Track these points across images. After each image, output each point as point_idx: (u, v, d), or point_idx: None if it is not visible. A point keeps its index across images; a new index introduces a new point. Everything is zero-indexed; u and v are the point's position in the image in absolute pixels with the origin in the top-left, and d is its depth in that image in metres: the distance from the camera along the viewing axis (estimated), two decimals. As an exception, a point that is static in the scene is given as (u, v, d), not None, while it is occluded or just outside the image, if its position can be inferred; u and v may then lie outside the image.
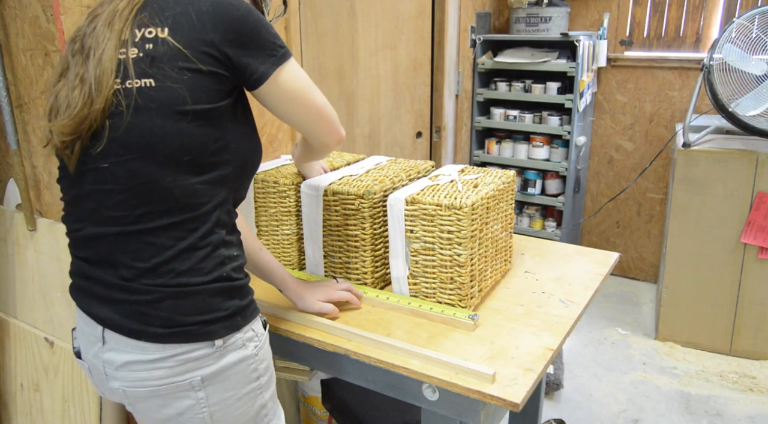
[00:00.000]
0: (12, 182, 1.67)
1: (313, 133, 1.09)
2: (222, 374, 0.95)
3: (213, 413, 0.96)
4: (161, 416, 0.95)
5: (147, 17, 0.92)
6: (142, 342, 0.91)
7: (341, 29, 2.31)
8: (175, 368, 0.92)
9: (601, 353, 2.78)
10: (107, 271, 0.93)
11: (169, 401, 0.94)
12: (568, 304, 1.32)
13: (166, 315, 0.91)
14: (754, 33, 2.42)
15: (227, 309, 0.95)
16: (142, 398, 0.94)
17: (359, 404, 1.70)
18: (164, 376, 0.92)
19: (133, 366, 0.93)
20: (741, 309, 2.68)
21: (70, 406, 1.59)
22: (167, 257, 0.91)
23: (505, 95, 3.29)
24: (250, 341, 0.99)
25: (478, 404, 1.04)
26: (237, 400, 0.97)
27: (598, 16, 3.37)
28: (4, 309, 1.74)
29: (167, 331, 0.91)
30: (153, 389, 0.93)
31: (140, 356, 0.92)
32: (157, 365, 0.92)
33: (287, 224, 1.45)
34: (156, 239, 0.91)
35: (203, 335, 0.93)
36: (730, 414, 2.34)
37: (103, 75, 0.89)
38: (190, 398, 0.94)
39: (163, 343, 0.91)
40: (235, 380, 0.97)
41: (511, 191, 1.43)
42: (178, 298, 0.91)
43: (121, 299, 0.92)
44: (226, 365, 0.95)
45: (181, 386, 0.93)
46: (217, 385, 0.95)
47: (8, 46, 1.54)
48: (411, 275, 1.29)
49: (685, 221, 2.70)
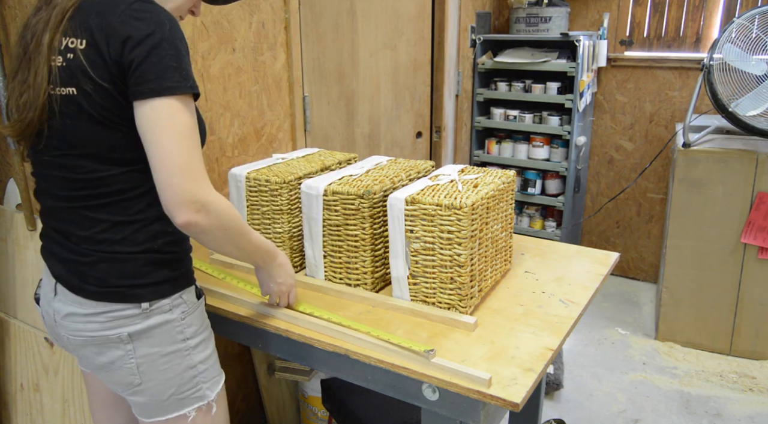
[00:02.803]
0: (12, 182, 1.67)
1: (157, 182, 0.97)
2: (148, 332, 1.06)
3: (140, 364, 1.06)
4: (98, 363, 1.08)
5: (72, 27, 0.98)
6: (79, 297, 1.05)
7: (341, 29, 2.31)
8: (105, 324, 1.04)
9: (601, 353, 2.78)
10: (60, 235, 1.07)
11: (103, 350, 1.06)
12: (568, 304, 1.32)
13: (100, 276, 1.04)
14: (754, 33, 2.42)
15: (156, 277, 1.06)
16: (80, 345, 1.08)
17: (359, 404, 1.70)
18: (97, 329, 1.05)
19: (73, 317, 1.06)
20: (741, 309, 2.68)
21: (70, 406, 1.59)
22: (103, 228, 1.03)
23: (505, 95, 3.29)
24: (177, 307, 1.08)
25: (478, 404, 1.04)
26: (162, 356, 1.07)
27: (598, 16, 3.37)
28: (4, 309, 1.74)
29: (100, 290, 1.04)
30: (88, 339, 1.06)
31: (78, 309, 1.05)
32: (91, 319, 1.05)
33: (279, 222, 1.45)
34: (93, 213, 1.03)
35: (131, 297, 1.04)
36: (730, 414, 2.34)
37: (41, 82, 0.98)
38: (119, 350, 1.06)
39: (96, 300, 1.04)
40: (161, 339, 1.07)
41: (511, 191, 1.43)
42: (111, 262, 1.04)
43: (68, 259, 1.06)
44: (152, 324, 1.06)
45: (111, 338, 1.05)
46: (144, 340, 1.06)
47: (8, 46, 1.54)
48: (411, 275, 1.29)
49: (685, 221, 2.70)
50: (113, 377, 1.08)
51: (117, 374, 1.07)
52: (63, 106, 0.98)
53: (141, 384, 1.07)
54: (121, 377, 1.07)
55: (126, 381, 1.07)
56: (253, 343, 1.36)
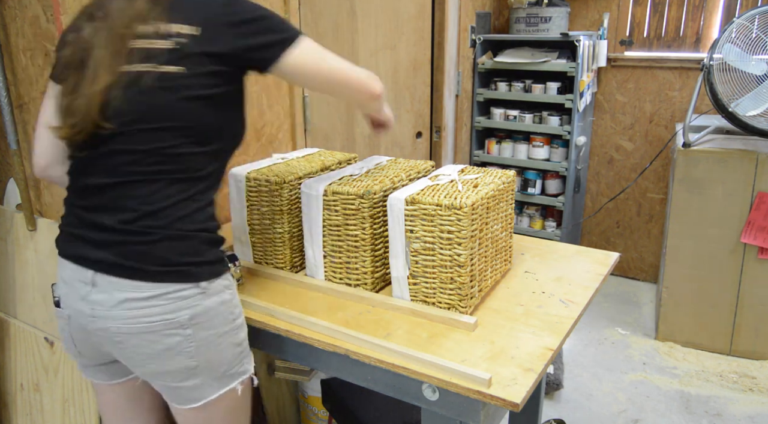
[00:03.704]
0: (12, 182, 1.67)
1: (344, 98, 1.27)
2: (206, 314, 1.07)
3: (198, 347, 1.07)
4: (150, 351, 1.06)
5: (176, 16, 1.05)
6: (136, 281, 1.02)
7: (341, 29, 2.31)
8: (167, 306, 1.03)
9: (601, 353, 2.78)
10: (106, 216, 1.04)
11: (160, 337, 1.04)
12: (568, 304, 1.32)
13: (162, 255, 1.03)
14: (754, 33, 2.42)
15: (211, 256, 1.09)
16: (136, 334, 1.04)
17: (359, 404, 1.70)
18: (158, 313, 1.03)
19: (129, 304, 1.03)
20: (741, 309, 2.68)
21: (70, 406, 1.59)
22: (170, 203, 1.04)
23: (505, 95, 3.29)
24: (227, 288, 1.12)
25: (478, 404, 1.04)
26: (218, 337, 1.10)
27: (598, 16, 3.37)
28: (4, 309, 1.74)
29: (162, 269, 1.03)
30: (147, 326, 1.03)
31: (135, 294, 1.02)
32: (151, 303, 1.03)
33: (279, 222, 1.45)
34: (164, 188, 1.04)
35: (192, 276, 1.05)
36: (730, 414, 2.34)
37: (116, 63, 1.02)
38: (178, 335, 1.05)
39: (156, 282, 1.03)
40: (217, 321, 1.09)
41: (511, 191, 1.43)
42: (173, 240, 1.04)
43: (123, 241, 1.03)
44: (210, 306, 1.08)
45: (173, 323, 1.04)
46: (202, 323, 1.07)
47: (8, 46, 1.54)
48: (411, 275, 1.29)
49: (685, 221, 2.70)
50: (167, 365, 1.07)
51: (173, 361, 1.06)
52: (161, 82, 1.01)
53: (197, 367, 1.08)
54: (177, 364, 1.07)
55: (181, 366, 1.07)
56: (253, 343, 1.36)
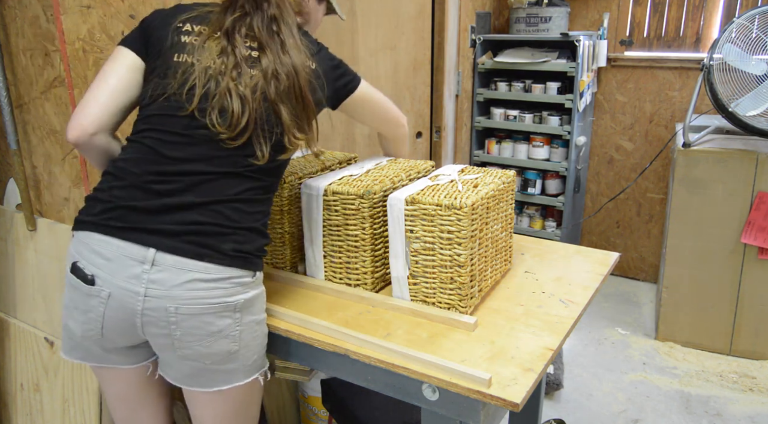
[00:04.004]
0: (12, 182, 1.67)
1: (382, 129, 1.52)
2: (252, 301, 1.16)
3: (242, 331, 1.15)
4: (202, 332, 1.11)
5: None
6: (205, 263, 1.09)
7: (341, 29, 2.31)
8: (229, 289, 1.11)
9: (601, 353, 2.78)
10: (187, 199, 1.11)
11: (215, 318, 1.11)
12: (568, 304, 1.32)
13: (236, 241, 1.13)
14: (754, 33, 2.42)
15: (262, 252, 1.20)
16: (194, 314, 1.09)
17: (359, 404, 1.69)
18: (220, 295, 1.10)
19: (194, 285, 1.08)
20: (741, 309, 2.68)
21: (70, 406, 1.59)
22: (250, 197, 1.16)
23: (505, 95, 3.29)
24: (262, 283, 1.22)
25: (478, 404, 1.04)
26: (256, 324, 1.19)
27: (598, 16, 3.37)
28: (4, 309, 1.74)
29: (233, 254, 1.12)
30: (208, 307, 1.10)
31: (202, 275, 1.09)
32: (217, 285, 1.10)
33: (279, 222, 1.45)
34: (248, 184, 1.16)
35: (252, 264, 1.15)
36: (730, 414, 2.34)
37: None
38: (230, 318, 1.12)
39: (225, 265, 1.11)
40: (257, 308, 1.18)
41: (511, 191, 1.43)
42: (247, 230, 1.15)
43: (198, 222, 1.11)
44: (255, 294, 1.17)
45: (230, 305, 1.12)
46: (248, 309, 1.16)
47: (8, 46, 1.54)
48: (411, 275, 1.29)
49: (685, 221, 2.70)
50: (214, 346, 1.12)
51: (220, 343, 1.12)
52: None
53: (238, 351, 1.15)
54: (221, 346, 1.13)
55: (225, 349, 1.13)
56: (253, 343, 1.36)
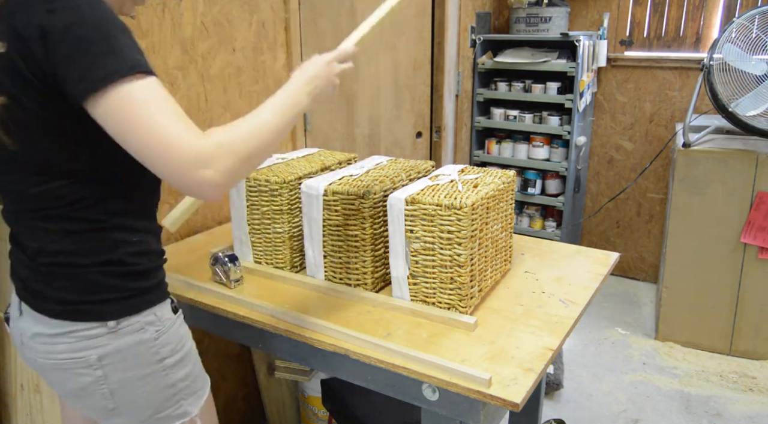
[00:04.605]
0: (12, 182, 1.67)
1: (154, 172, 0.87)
2: (119, 355, 0.96)
3: (113, 391, 0.98)
4: (67, 389, 1.00)
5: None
6: (43, 316, 0.96)
7: (341, 29, 2.31)
8: (73, 344, 0.95)
9: (601, 353, 2.78)
10: (18, 248, 1.00)
11: (71, 376, 0.97)
12: (568, 304, 1.32)
13: (58, 293, 0.95)
14: (754, 33, 2.42)
15: (121, 291, 0.96)
16: (49, 369, 0.99)
17: (359, 404, 1.69)
18: (64, 350, 0.96)
19: (39, 338, 0.97)
20: (741, 309, 2.67)
21: (70, 406, 1.59)
22: (54, 238, 0.94)
23: (505, 95, 3.29)
24: (151, 325, 0.99)
25: (478, 404, 1.04)
26: (137, 380, 0.99)
27: (598, 16, 3.37)
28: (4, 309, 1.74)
29: (61, 308, 0.95)
30: (56, 363, 0.97)
31: (44, 329, 0.97)
32: (58, 340, 0.96)
33: (279, 222, 1.45)
34: (44, 223, 0.94)
35: (94, 314, 0.95)
36: (730, 414, 2.34)
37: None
38: (88, 376, 0.97)
39: (59, 319, 0.95)
40: (135, 362, 0.98)
41: (511, 191, 1.43)
42: (68, 278, 0.95)
43: (27, 275, 0.98)
44: (123, 346, 0.96)
45: (79, 362, 0.96)
46: (115, 365, 0.97)
47: None
48: (411, 275, 1.29)
49: (685, 220, 2.69)
50: (85, 403, 1.00)
51: (89, 400, 0.99)
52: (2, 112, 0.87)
53: (116, 408, 0.99)
54: (94, 403, 0.99)
55: (99, 406, 0.99)
56: (253, 343, 1.36)
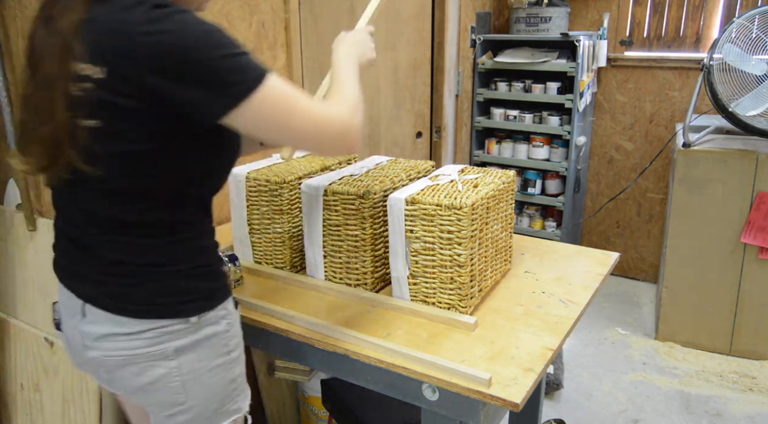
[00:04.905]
0: (12, 182, 1.67)
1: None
2: (195, 346, 1.01)
3: (185, 382, 1.01)
4: (136, 385, 1.01)
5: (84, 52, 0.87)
6: (119, 317, 0.98)
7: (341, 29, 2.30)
8: (152, 340, 0.99)
9: (601, 353, 2.78)
10: (95, 259, 1.00)
11: (144, 369, 1.00)
12: (568, 304, 1.32)
13: (145, 297, 0.98)
14: (754, 33, 2.42)
15: (201, 291, 1.02)
16: (119, 366, 1.00)
17: (359, 404, 1.69)
18: (142, 346, 0.98)
19: (113, 338, 0.99)
20: (741, 309, 2.67)
21: (70, 406, 1.59)
22: (147, 244, 0.98)
23: (505, 95, 3.28)
24: (223, 319, 1.05)
25: (478, 404, 1.04)
26: (208, 371, 1.03)
27: (598, 16, 3.37)
28: (4, 309, 1.74)
29: (145, 309, 0.98)
30: (129, 357, 0.99)
31: (118, 329, 0.98)
32: (136, 337, 0.98)
33: (279, 222, 1.45)
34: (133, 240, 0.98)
35: (180, 312, 1.00)
36: (730, 414, 2.34)
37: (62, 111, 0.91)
38: (163, 368, 1.00)
39: (140, 318, 0.98)
40: (208, 353, 1.03)
41: (511, 191, 1.43)
42: (154, 284, 0.98)
43: (105, 281, 0.99)
44: (201, 338, 1.02)
45: (156, 355, 0.99)
46: (189, 355, 1.01)
47: (8, 46, 1.54)
48: (411, 275, 1.29)
49: (685, 221, 2.69)
50: (153, 397, 1.02)
51: (158, 394, 1.02)
52: (89, 139, 0.88)
53: (185, 402, 1.03)
54: (163, 397, 1.02)
55: (169, 401, 1.02)
56: (253, 343, 1.36)
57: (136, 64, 0.83)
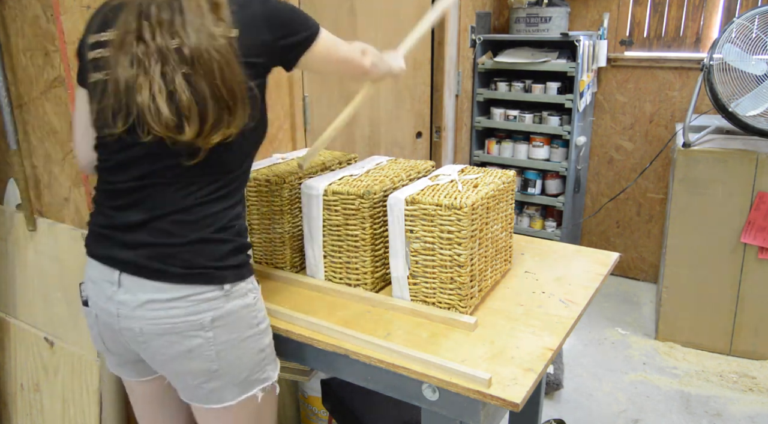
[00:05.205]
0: (12, 182, 1.67)
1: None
2: (228, 317, 1.08)
3: (219, 351, 1.08)
4: (173, 352, 1.07)
5: None
6: (159, 283, 1.04)
7: (341, 29, 2.31)
8: (189, 308, 1.05)
9: (601, 353, 2.78)
10: (135, 216, 1.06)
11: (182, 338, 1.06)
12: (568, 304, 1.32)
13: (188, 258, 1.05)
14: (754, 33, 2.42)
15: (236, 260, 1.10)
16: (158, 334, 1.06)
17: (359, 404, 1.70)
18: (180, 314, 1.05)
19: (151, 305, 1.05)
20: (741, 309, 2.68)
21: (70, 406, 1.59)
22: (198, 203, 1.06)
23: (505, 95, 3.28)
24: (251, 292, 1.13)
25: (478, 404, 1.04)
26: (240, 341, 1.10)
27: (598, 16, 3.37)
28: (4, 309, 1.74)
29: (186, 271, 1.05)
30: (169, 326, 1.05)
31: (158, 295, 1.04)
32: (174, 304, 1.05)
33: (279, 222, 1.45)
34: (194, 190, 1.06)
35: (215, 278, 1.06)
36: (730, 414, 2.34)
37: None
38: (200, 337, 1.06)
39: (180, 283, 1.04)
40: (239, 324, 1.10)
41: (511, 191, 1.43)
42: (201, 243, 1.06)
43: (150, 243, 1.05)
44: (232, 309, 1.09)
45: (194, 324, 1.05)
46: (223, 327, 1.08)
47: (8, 46, 1.54)
48: (411, 275, 1.29)
49: (685, 221, 2.69)
50: (188, 366, 1.08)
51: (194, 362, 1.08)
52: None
53: (218, 370, 1.09)
54: (197, 365, 1.08)
55: (203, 368, 1.09)
56: (253, 343, 1.36)
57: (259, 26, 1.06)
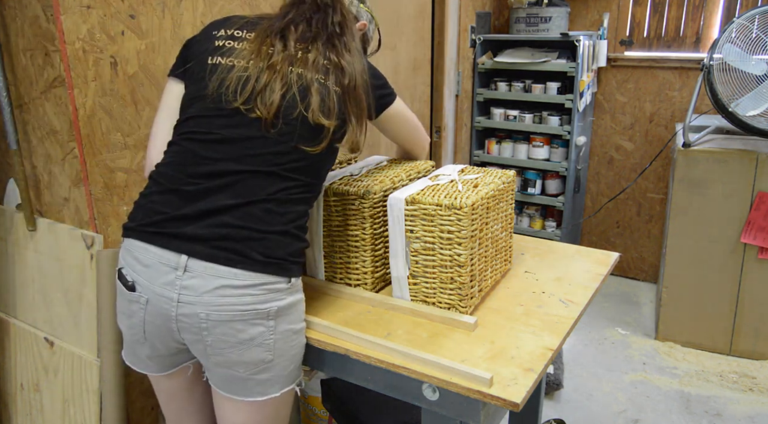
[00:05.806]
0: (12, 182, 1.67)
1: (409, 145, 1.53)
2: (288, 309, 1.14)
3: (276, 341, 1.13)
4: (234, 340, 1.10)
5: None
6: (236, 269, 1.08)
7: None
8: (260, 296, 1.09)
9: (601, 353, 2.78)
10: (221, 201, 1.10)
11: (247, 326, 1.09)
12: (568, 304, 1.32)
13: (270, 246, 1.10)
14: (754, 33, 2.42)
15: (299, 257, 1.17)
16: (223, 321, 1.08)
17: (359, 404, 1.70)
18: (250, 302, 1.08)
19: (223, 291, 1.07)
20: (741, 309, 2.68)
21: (70, 406, 1.59)
22: (287, 199, 1.13)
23: (505, 95, 3.29)
24: (301, 290, 1.20)
25: (478, 404, 1.04)
26: (293, 334, 1.16)
27: (598, 16, 3.37)
28: (4, 309, 1.74)
29: (266, 260, 1.09)
30: (238, 314, 1.08)
31: (232, 281, 1.07)
32: (246, 291, 1.08)
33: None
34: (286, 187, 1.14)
35: (286, 271, 1.12)
36: (730, 414, 2.34)
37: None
38: (263, 326, 1.11)
39: (256, 271, 1.08)
40: (294, 317, 1.16)
41: (511, 191, 1.43)
42: (281, 235, 1.12)
43: (231, 224, 1.09)
44: (292, 302, 1.15)
45: (261, 313, 1.10)
46: (283, 317, 1.13)
47: (8, 46, 1.54)
48: (411, 275, 1.29)
49: (685, 221, 2.70)
50: (246, 355, 1.11)
51: (252, 351, 1.11)
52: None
53: (272, 360, 1.13)
54: (255, 355, 1.11)
55: (259, 358, 1.12)
56: (253, 343, 1.36)
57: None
